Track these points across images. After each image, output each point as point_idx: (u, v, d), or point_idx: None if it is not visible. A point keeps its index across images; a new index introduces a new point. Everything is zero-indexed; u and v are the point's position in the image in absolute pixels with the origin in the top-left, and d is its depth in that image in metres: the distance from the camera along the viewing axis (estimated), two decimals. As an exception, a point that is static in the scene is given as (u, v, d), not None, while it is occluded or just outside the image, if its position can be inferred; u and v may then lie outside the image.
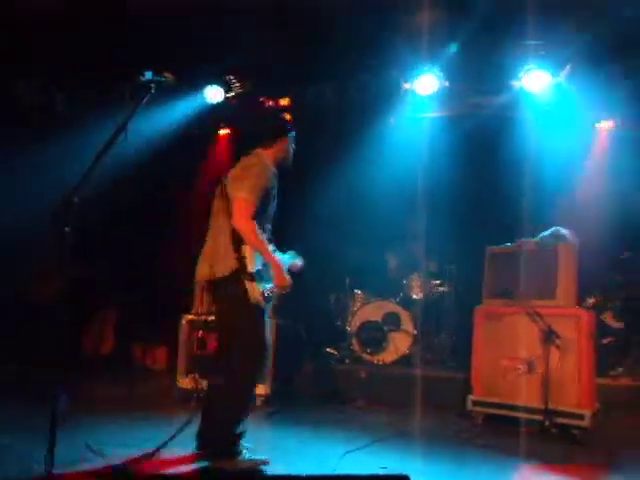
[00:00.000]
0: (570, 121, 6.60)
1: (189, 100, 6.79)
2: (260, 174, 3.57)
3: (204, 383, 5.21)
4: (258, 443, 3.99)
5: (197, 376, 5.28)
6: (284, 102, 7.04)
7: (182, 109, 6.71)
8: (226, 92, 6.91)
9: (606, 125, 6.89)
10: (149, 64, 3.31)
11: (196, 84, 6.74)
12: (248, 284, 3.46)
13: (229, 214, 3.52)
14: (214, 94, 6.89)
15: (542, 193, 6.20)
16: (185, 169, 7.61)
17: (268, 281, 3.60)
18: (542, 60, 6.09)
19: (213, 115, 7.19)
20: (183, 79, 6.06)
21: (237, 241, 3.49)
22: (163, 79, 3.24)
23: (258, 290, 3.48)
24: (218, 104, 6.96)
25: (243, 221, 3.45)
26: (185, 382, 5.42)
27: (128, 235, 7.23)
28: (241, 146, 4.02)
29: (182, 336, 5.59)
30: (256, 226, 3.49)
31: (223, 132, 7.97)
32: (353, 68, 6.36)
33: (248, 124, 4.13)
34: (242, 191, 3.49)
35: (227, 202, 3.57)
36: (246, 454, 3.58)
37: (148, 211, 7.35)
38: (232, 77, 6.86)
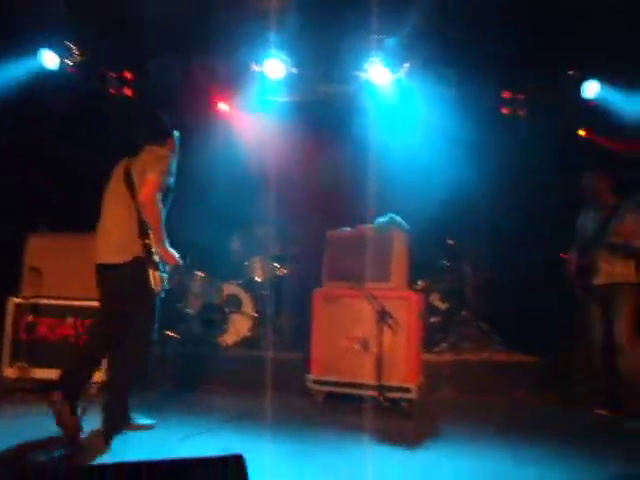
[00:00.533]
0: (409, 115, 6.99)
1: (21, 64, 6.22)
2: (168, 164, 3.87)
3: (36, 372, 4.89)
4: (96, 432, 3.83)
5: (25, 364, 4.92)
6: (128, 75, 6.70)
7: (12, 72, 6.13)
8: (63, 59, 6.41)
9: (440, 120, 7.39)
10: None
11: (29, 48, 6.18)
12: (152, 272, 3.72)
13: (133, 198, 3.78)
14: (50, 59, 6.34)
15: (381, 182, 6.52)
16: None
17: (164, 270, 3.84)
18: (385, 55, 6.39)
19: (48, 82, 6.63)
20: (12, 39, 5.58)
21: (144, 229, 3.74)
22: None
23: (158, 278, 3.75)
24: (53, 71, 6.44)
25: (153, 199, 3.73)
26: (10, 372, 5.01)
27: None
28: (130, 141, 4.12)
29: (8, 321, 5.16)
30: (158, 205, 3.77)
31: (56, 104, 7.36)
32: (199, 46, 6.20)
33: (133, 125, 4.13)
34: (154, 173, 3.77)
35: (131, 186, 3.81)
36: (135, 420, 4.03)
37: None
38: (70, 43, 6.38)
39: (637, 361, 4.80)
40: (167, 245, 3.87)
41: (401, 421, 4.58)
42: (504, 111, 6.76)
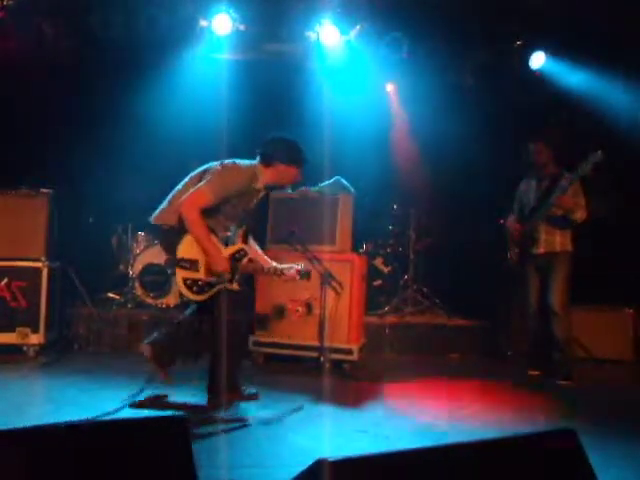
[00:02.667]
0: (358, 79, 6.95)
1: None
2: (229, 175, 3.74)
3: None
4: (31, 396, 3.75)
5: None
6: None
7: None
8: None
9: (389, 85, 7.40)
10: None
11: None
12: (176, 269, 3.68)
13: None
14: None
15: (329, 145, 6.49)
16: None
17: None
18: (336, 16, 6.30)
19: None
20: None
21: (181, 227, 3.66)
22: None
23: (179, 276, 3.67)
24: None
25: (189, 205, 3.61)
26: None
27: None
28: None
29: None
30: (200, 217, 3.61)
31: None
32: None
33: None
34: (203, 183, 3.67)
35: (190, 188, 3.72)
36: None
37: None
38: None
39: (569, 327, 5.04)
40: (215, 253, 3.70)
41: (342, 382, 4.67)
42: (452, 78, 6.81)
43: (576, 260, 5.03)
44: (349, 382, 4.70)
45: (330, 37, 6.43)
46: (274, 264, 4.11)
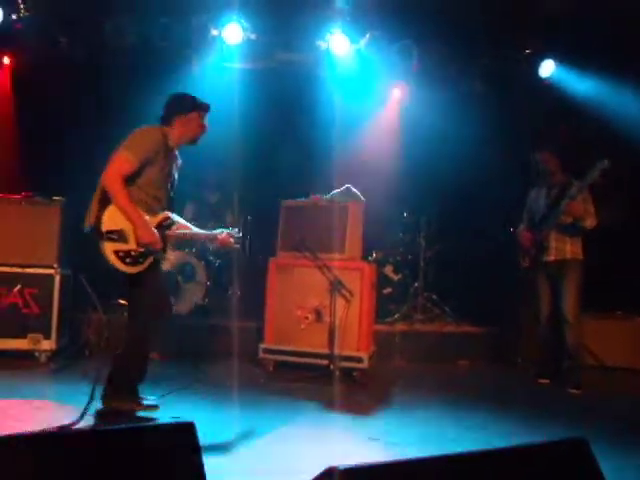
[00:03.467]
0: (367, 86, 6.98)
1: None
2: (142, 135, 3.62)
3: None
4: (43, 402, 3.77)
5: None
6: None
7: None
8: (8, 13, 6.10)
9: (398, 93, 7.42)
10: None
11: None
12: (101, 243, 3.49)
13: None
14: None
15: (338, 153, 6.52)
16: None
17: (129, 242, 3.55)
18: (346, 25, 6.34)
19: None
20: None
21: (104, 199, 3.51)
22: None
23: (109, 250, 3.49)
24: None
25: (112, 175, 3.49)
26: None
27: None
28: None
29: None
30: (123, 186, 3.48)
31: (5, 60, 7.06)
32: (154, 8, 6.02)
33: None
34: (121, 148, 3.54)
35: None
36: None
37: None
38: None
39: (580, 334, 5.02)
40: (142, 224, 3.55)
41: (352, 390, 4.67)
42: (461, 86, 6.81)
43: (586, 267, 5.01)
44: (359, 390, 4.70)
45: (340, 46, 6.47)
46: (202, 231, 4.13)
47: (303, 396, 4.36)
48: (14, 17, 6.09)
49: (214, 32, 6.44)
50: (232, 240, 4.05)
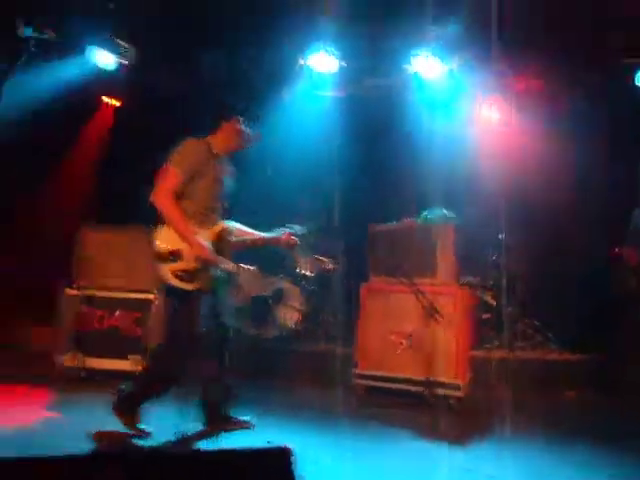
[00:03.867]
0: (459, 107, 6.87)
1: (74, 63, 6.37)
2: (185, 148, 3.64)
3: (88, 361, 5.04)
4: (144, 421, 3.90)
5: (80, 355, 5.06)
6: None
7: (65, 72, 6.29)
8: (116, 58, 6.54)
9: (492, 112, 7.24)
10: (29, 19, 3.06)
11: (82, 46, 6.32)
12: (156, 263, 3.53)
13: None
14: (103, 58, 6.48)
15: (430, 176, 6.44)
16: (63, 136, 7.16)
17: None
18: (436, 47, 6.30)
19: (99, 82, 6.79)
20: (68, 38, 5.70)
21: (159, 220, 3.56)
22: (45, 36, 2.99)
23: (164, 269, 3.50)
24: (106, 70, 6.58)
25: (159, 192, 3.51)
26: (67, 361, 5.16)
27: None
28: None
29: (64, 312, 5.32)
30: (173, 201, 3.50)
31: (109, 101, 7.56)
32: (246, 40, 6.24)
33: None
34: (167, 164, 3.58)
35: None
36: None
37: (22, 176, 6.86)
38: (121, 41, 6.49)
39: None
40: (191, 238, 3.56)
41: (448, 417, 4.51)
42: (559, 101, 6.56)
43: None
44: (455, 418, 4.53)
45: (430, 68, 6.42)
46: (262, 235, 4.09)
47: (397, 423, 4.27)
48: (121, 60, 6.52)
49: (302, 61, 6.58)
50: (294, 239, 4.04)
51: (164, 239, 3.55)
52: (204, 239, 3.62)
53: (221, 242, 3.73)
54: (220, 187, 3.80)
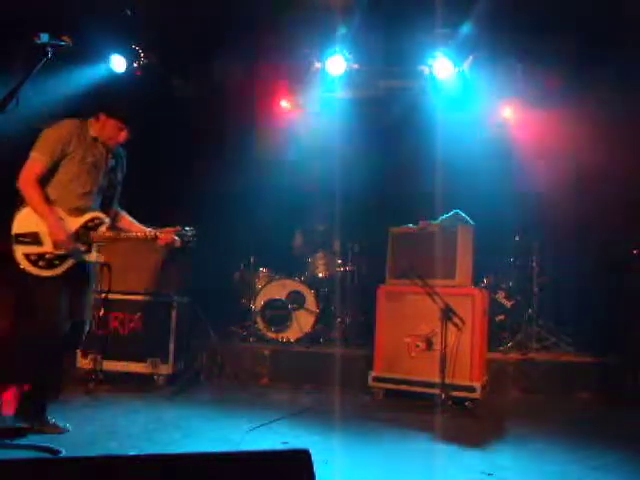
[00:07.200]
0: (473, 108, 6.85)
1: (90, 69, 6.44)
2: (49, 132, 3.50)
3: (106, 364, 5.09)
4: (160, 423, 3.94)
5: (98, 356, 5.11)
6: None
7: (82, 78, 6.35)
8: (131, 63, 6.59)
9: (506, 112, 7.20)
10: (45, 26, 3.09)
11: (99, 52, 6.39)
12: (14, 247, 3.42)
13: None
14: (118, 63, 6.54)
15: (445, 177, 6.42)
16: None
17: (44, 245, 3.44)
18: (448, 48, 6.29)
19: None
20: (84, 45, 5.75)
21: (19, 202, 3.47)
22: (62, 43, 3.02)
23: (19, 253, 3.41)
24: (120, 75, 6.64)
25: (22, 179, 3.44)
26: (84, 363, 5.22)
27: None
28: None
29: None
30: (36, 185, 3.42)
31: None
32: (263, 44, 6.27)
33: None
34: (31, 152, 3.47)
35: None
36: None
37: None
38: (138, 47, 6.56)
39: None
40: (53, 222, 3.44)
41: (464, 420, 4.50)
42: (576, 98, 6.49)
43: None
44: (472, 420, 4.52)
45: (443, 69, 6.42)
46: (148, 230, 3.79)
47: (414, 426, 4.26)
48: (136, 65, 6.57)
49: (317, 64, 6.60)
50: (176, 239, 3.73)
51: (23, 222, 3.46)
52: (68, 225, 3.52)
53: (88, 231, 3.59)
54: (95, 172, 3.64)
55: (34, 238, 3.43)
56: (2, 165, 6.02)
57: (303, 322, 6.24)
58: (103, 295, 5.18)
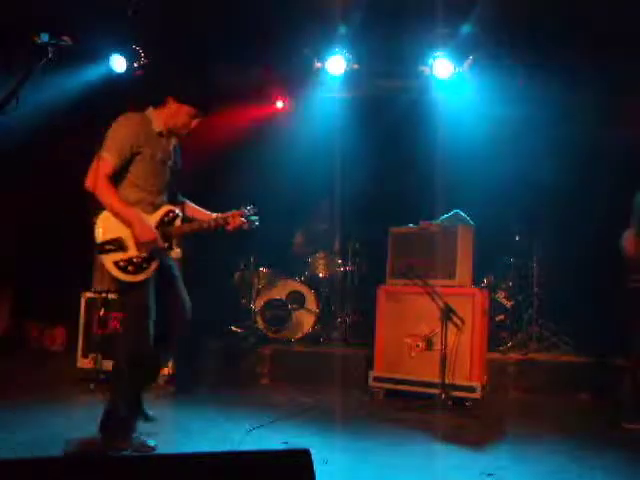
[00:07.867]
0: (472, 108, 6.85)
1: (91, 69, 6.45)
2: (116, 130, 3.32)
3: (106, 364, 5.09)
4: (161, 424, 3.94)
5: (98, 357, 5.11)
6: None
7: (82, 78, 6.36)
8: (131, 63, 6.60)
9: (504, 112, 7.20)
10: (45, 26, 3.09)
11: (100, 52, 6.40)
12: (101, 257, 3.26)
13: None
14: (118, 64, 6.55)
15: (445, 177, 6.43)
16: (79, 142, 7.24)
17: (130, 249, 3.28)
18: (448, 49, 6.29)
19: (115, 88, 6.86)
20: (85, 45, 5.75)
21: (98, 208, 3.28)
22: (62, 42, 3.01)
23: (109, 263, 3.23)
24: (121, 75, 6.65)
25: (92, 180, 3.24)
26: (85, 363, 5.23)
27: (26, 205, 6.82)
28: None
29: (82, 315, 5.38)
30: (109, 185, 3.23)
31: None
32: (263, 44, 6.28)
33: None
34: (101, 150, 3.28)
35: None
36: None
37: (42, 180, 6.93)
38: (138, 47, 6.56)
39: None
40: (138, 221, 3.27)
41: (464, 420, 4.50)
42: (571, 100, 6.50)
43: None
44: (471, 420, 4.52)
45: (443, 69, 6.42)
46: (214, 215, 3.62)
47: (413, 426, 4.26)
48: (135, 65, 6.58)
49: (318, 64, 6.61)
50: (245, 222, 3.61)
51: (106, 229, 3.26)
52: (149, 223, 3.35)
53: (164, 227, 3.41)
54: (163, 168, 3.47)
55: (118, 244, 3.26)
56: (2, 165, 6.06)
57: (303, 322, 6.25)
58: (103, 295, 5.19)
